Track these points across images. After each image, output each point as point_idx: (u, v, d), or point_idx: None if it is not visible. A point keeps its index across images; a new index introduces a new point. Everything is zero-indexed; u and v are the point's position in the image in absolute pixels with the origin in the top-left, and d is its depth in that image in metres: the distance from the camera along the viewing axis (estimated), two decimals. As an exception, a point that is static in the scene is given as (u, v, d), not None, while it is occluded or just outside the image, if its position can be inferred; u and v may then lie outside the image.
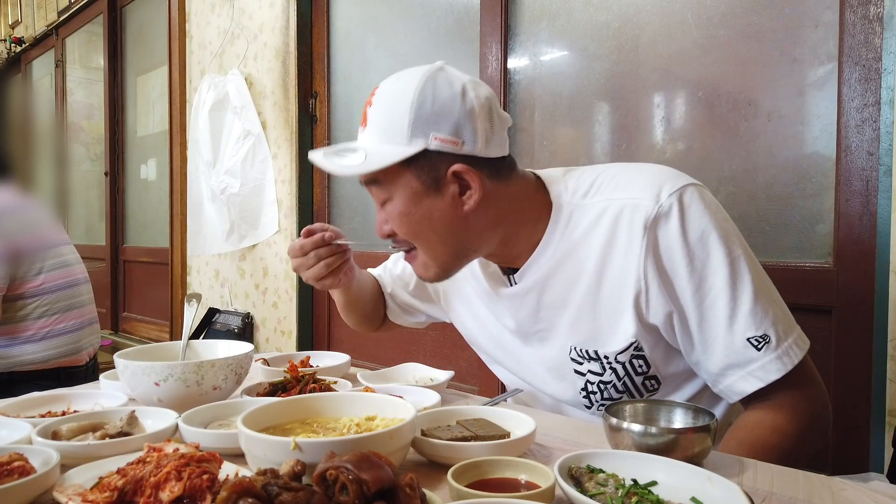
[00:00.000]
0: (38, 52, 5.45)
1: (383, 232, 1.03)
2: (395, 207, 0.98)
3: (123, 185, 4.37)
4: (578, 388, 1.05)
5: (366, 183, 1.00)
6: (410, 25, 2.48)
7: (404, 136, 0.93)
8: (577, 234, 1.00)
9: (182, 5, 3.50)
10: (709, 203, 0.94)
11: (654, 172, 0.99)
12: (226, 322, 3.11)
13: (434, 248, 1.00)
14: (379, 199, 1.00)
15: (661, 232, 0.93)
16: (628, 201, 0.95)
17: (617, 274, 0.96)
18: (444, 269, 1.03)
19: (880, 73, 1.36)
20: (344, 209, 2.78)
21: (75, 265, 2.16)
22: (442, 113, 0.93)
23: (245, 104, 3.00)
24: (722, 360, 0.93)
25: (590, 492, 0.66)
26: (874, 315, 1.37)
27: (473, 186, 0.96)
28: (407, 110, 0.93)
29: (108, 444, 0.79)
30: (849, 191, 1.41)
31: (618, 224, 0.96)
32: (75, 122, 4.95)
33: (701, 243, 0.92)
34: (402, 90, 0.95)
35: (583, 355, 1.03)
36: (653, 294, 0.94)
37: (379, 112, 0.96)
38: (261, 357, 1.29)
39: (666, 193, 0.93)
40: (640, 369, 1.00)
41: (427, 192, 0.96)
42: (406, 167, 0.95)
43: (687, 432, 0.76)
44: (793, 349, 0.91)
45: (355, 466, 0.57)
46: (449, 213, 0.97)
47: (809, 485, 0.74)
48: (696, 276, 0.92)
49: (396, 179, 0.96)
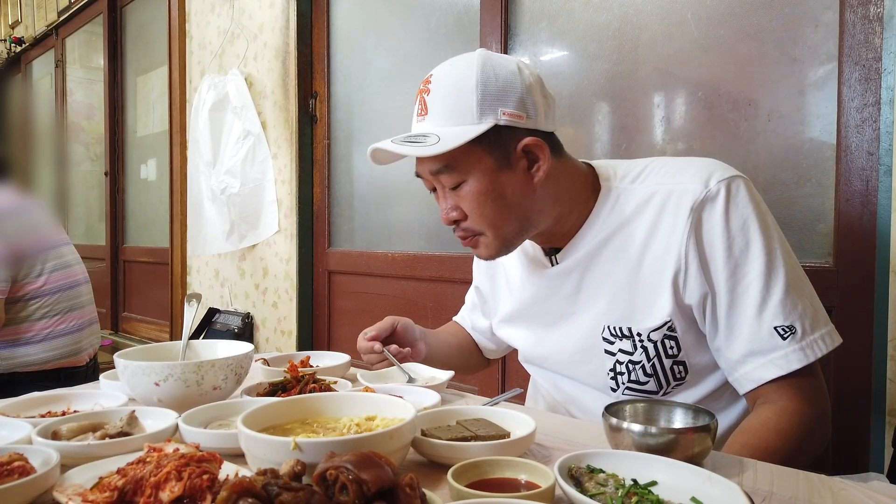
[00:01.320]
0: (38, 52, 5.45)
1: (450, 218, 1.04)
2: (473, 187, 0.99)
3: (123, 185, 4.37)
4: (606, 369, 1.06)
5: (434, 172, 1.01)
6: (410, 25, 2.48)
7: (474, 114, 0.96)
8: (623, 216, 1.03)
9: (182, 5, 3.50)
10: (754, 195, 0.98)
11: (704, 162, 1.02)
12: (226, 322, 3.11)
13: (503, 226, 1.02)
14: (450, 185, 1.01)
15: (706, 214, 0.96)
16: (677, 186, 0.99)
17: (660, 253, 0.99)
18: (506, 246, 1.05)
19: (880, 73, 1.36)
20: (344, 209, 2.78)
21: (76, 266, 2.16)
22: (506, 89, 0.97)
23: (245, 104, 3.00)
24: (745, 346, 0.95)
25: (590, 492, 0.66)
26: (874, 315, 1.37)
27: (542, 158, 1.00)
28: (473, 90, 0.96)
29: (108, 444, 0.79)
30: (849, 191, 1.41)
31: (665, 207, 0.99)
32: (75, 122, 4.95)
33: (742, 231, 0.95)
34: (462, 73, 0.98)
35: (616, 333, 1.04)
36: (691, 274, 0.96)
37: (441, 97, 0.98)
38: (261, 357, 1.29)
39: (715, 180, 0.97)
40: (671, 351, 1.01)
41: (501, 168, 0.99)
42: (478, 145, 0.97)
43: (687, 432, 0.76)
44: (818, 343, 0.93)
45: (355, 466, 0.57)
46: (521, 187, 1.00)
47: (809, 485, 0.74)
48: (732, 261, 0.95)
49: (470, 159, 0.98)
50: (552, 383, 1.19)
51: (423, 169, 1.03)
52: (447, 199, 1.04)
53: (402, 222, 2.53)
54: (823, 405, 0.97)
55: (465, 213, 1.02)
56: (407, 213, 2.50)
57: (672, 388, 1.04)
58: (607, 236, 1.04)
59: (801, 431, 0.92)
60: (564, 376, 1.15)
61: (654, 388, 1.04)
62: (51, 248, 2.07)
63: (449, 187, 1.02)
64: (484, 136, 0.96)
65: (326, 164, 2.82)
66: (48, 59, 5.26)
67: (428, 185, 1.07)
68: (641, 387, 1.04)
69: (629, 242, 1.02)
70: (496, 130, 0.96)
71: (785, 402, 0.93)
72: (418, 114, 1.01)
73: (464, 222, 1.03)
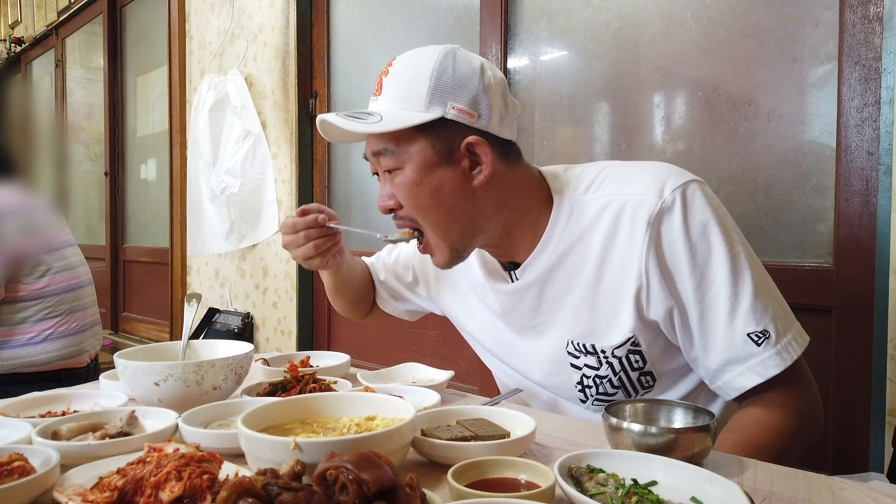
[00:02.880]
0: (38, 52, 5.45)
1: (387, 206, 1.02)
2: (406, 176, 0.97)
3: (123, 185, 4.37)
4: (574, 382, 1.06)
5: (375, 153, 0.99)
6: (410, 25, 2.48)
7: (423, 102, 0.94)
8: (578, 229, 1.00)
9: (182, 5, 3.50)
10: (711, 199, 0.95)
11: (656, 169, 0.99)
12: (226, 322, 3.11)
13: (441, 225, 0.99)
14: (387, 168, 0.99)
15: (664, 227, 0.93)
16: (631, 196, 0.96)
17: (617, 269, 0.97)
18: (454, 249, 1.02)
19: (880, 73, 1.36)
20: (344, 209, 2.78)
21: (79, 267, 2.16)
22: (461, 84, 0.95)
23: (245, 104, 3.00)
24: (721, 356, 0.93)
25: (590, 492, 0.66)
26: (874, 315, 1.37)
27: (485, 161, 0.97)
28: (427, 78, 0.94)
29: (108, 444, 0.79)
30: (849, 190, 1.41)
31: (620, 219, 0.96)
32: (75, 122, 4.95)
33: (703, 238, 0.93)
34: (421, 60, 0.97)
35: (580, 349, 1.03)
36: (654, 290, 0.94)
37: (396, 80, 0.97)
38: (261, 357, 1.29)
39: (669, 189, 0.94)
40: (637, 364, 1.01)
41: (439, 162, 0.96)
42: (421, 134, 0.95)
43: (687, 432, 0.76)
44: (792, 345, 0.92)
45: (355, 466, 0.57)
46: (458, 185, 0.98)
47: (809, 485, 0.74)
48: (697, 270, 0.93)
49: (410, 146, 0.96)
50: (530, 391, 1.18)
51: (367, 150, 1.02)
52: (385, 184, 1.01)
53: (402, 222, 2.52)
54: (812, 396, 0.96)
55: (400, 203, 1.00)
56: (407, 213, 2.50)
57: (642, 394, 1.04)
58: (564, 251, 1.02)
59: (792, 425, 0.92)
60: (539, 385, 1.14)
61: (623, 398, 1.04)
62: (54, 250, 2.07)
63: (385, 171, 1.00)
64: (429, 127, 0.94)
65: (326, 164, 2.82)
66: (48, 59, 5.25)
67: (372, 168, 1.04)
68: (610, 398, 1.04)
69: (586, 257, 1.00)
70: (442, 124, 0.95)
71: (773, 397, 0.93)
72: (374, 93, 1.00)
73: (400, 211, 1.01)
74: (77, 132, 4.94)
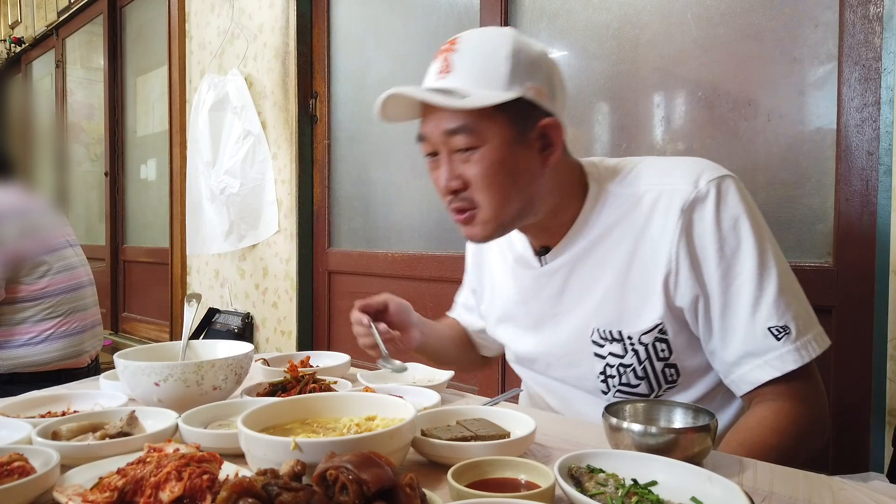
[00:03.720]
0: (38, 52, 5.45)
1: (450, 187, 0.99)
2: (485, 155, 0.95)
3: (123, 185, 4.37)
4: (596, 372, 1.05)
5: (449, 131, 0.96)
6: (410, 25, 2.48)
7: (503, 81, 0.93)
8: (612, 218, 1.02)
9: (182, 5, 3.50)
10: (744, 194, 0.97)
11: (692, 162, 1.02)
12: (226, 322, 3.11)
13: (504, 204, 0.98)
14: (462, 146, 0.96)
15: (696, 215, 0.95)
16: (666, 187, 0.98)
17: (649, 256, 0.98)
18: (501, 227, 1.01)
19: (880, 73, 1.36)
20: (344, 209, 2.78)
21: (80, 268, 2.16)
22: (536, 65, 0.96)
23: (245, 104, 3.00)
24: (740, 348, 0.94)
25: (590, 492, 0.66)
26: (874, 315, 1.37)
27: (556, 143, 0.98)
28: (507, 57, 0.94)
29: (108, 444, 0.79)
30: (849, 190, 1.41)
31: (654, 208, 0.98)
32: (75, 122, 4.95)
33: (733, 231, 0.94)
34: (495, 39, 0.96)
35: (605, 336, 1.03)
36: (682, 276, 0.96)
37: (471, 57, 0.95)
38: (261, 357, 1.29)
39: (704, 180, 0.96)
40: (662, 354, 1.00)
41: (516, 141, 0.96)
42: (500, 112, 0.94)
43: (687, 432, 0.76)
44: (811, 344, 0.93)
45: (355, 466, 0.57)
46: (531, 166, 0.98)
47: (809, 485, 0.74)
48: (724, 261, 0.94)
49: (490, 125, 0.95)
50: (543, 386, 1.18)
51: (433, 128, 0.98)
52: (451, 165, 0.98)
53: (402, 222, 2.53)
54: (821, 407, 0.96)
55: (468, 183, 0.98)
56: (407, 213, 2.50)
57: (664, 392, 1.03)
58: (596, 238, 1.03)
59: (797, 431, 0.92)
60: (553, 378, 1.14)
61: (646, 391, 1.03)
62: (55, 250, 2.07)
63: (459, 149, 0.97)
64: (509, 105, 0.94)
65: (326, 164, 2.82)
66: (48, 59, 5.26)
67: (427, 147, 1.01)
68: (632, 389, 1.04)
69: (618, 245, 1.01)
70: (521, 103, 0.95)
71: (782, 402, 0.93)
72: (439, 71, 0.97)
73: (463, 192, 0.99)
74: (77, 132, 4.94)
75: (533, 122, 0.97)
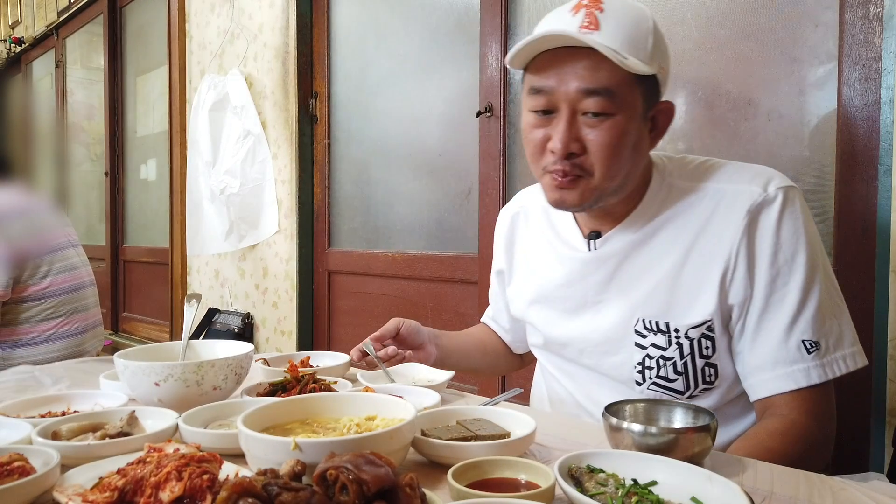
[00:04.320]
0: (38, 52, 5.45)
1: (569, 149, 0.94)
2: (618, 123, 0.93)
3: (123, 185, 4.37)
4: (634, 363, 1.04)
5: (591, 91, 0.92)
6: (410, 25, 2.48)
7: (647, 54, 0.93)
8: (673, 211, 1.02)
9: (182, 5, 3.50)
10: (806, 209, 0.98)
11: (762, 169, 1.01)
12: (226, 322, 3.11)
13: (614, 177, 0.97)
14: (596, 110, 0.93)
15: (762, 217, 0.95)
16: (734, 188, 0.98)
17: (707, 251, 0.98)
18: (600, 197, 0.99)
19: (880, 73, 1.36)
20: (344, 209, 2.78)
21: (81, 268, 2.16)
22: (665, 47, 0.98)
23: (245, 104, 3.00)
24: (769, 354, 0.95)
25: (590, 492, 0.66)
26: (874, 315, 1.37)
27: (663, 127, 1.01)
28: (650, 31, 0.94)
29: (108, 444, 0.79)
30: (849, 190, 1.41)
31: (718, 206, 0.98)
32: (76, 122, 4.95)
33: (791, 240, 0.95)
34: (638, 11, 0.96)
35: (650, 327, 1.02)
36: (739, 274, 0.96)
37: (619, 21, 0.92)
38: (261, 357, 1.29)
39: (774, 186, 0.97)
40: (706, 351, 1.00)
41: (642, 118, 0.97)
42: (638, 84, 0.94)
43: (687, 432, 0.76)
44: (838, 363, 0.93)
45: (355, 466, 0.57)
46: (643, 146, 0.99)
47: (809, 485, 0.74)
48: (775, 267, 0.95)
49: (629, 95, 0.94)
50: (566, 373, 1.16)
51: (564, 83, 0.94)
52: (574, 126, 0.94)
53: (402, 222, 2.53)
54: (830, 427, 0.97)
55: (586, 148, 0.95)
56: (407, 213, 2.50)
57: (699, 392, 1.02)
58: (653, 229, 1.02)
59: (803, 447, 0.92)
60: (583, 366, 1.12)
61: (682, 388, 1.02)
62: (56, 251, 2.07)
63: (588, 111, 0.93)
64: (644, 80, 0.94)
65: (326, 164, 2.82)
66: (48, 59, 5.26)
67: (543, 103, 0.96)
68: (669, 384, 1.02)
69: (676, 237, 1.01)
70: (651, 81, 0.95)
71: (794, 416, 0.93)
72: (582, 25, 0.91)
73: (579, 157, 0.95)
74: (77, 132, 4.94)
75: (653, 102, 0.98)
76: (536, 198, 1.22)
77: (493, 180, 2.11)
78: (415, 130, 2.45)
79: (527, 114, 1.00)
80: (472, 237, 2.20)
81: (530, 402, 1.32)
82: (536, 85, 0.96)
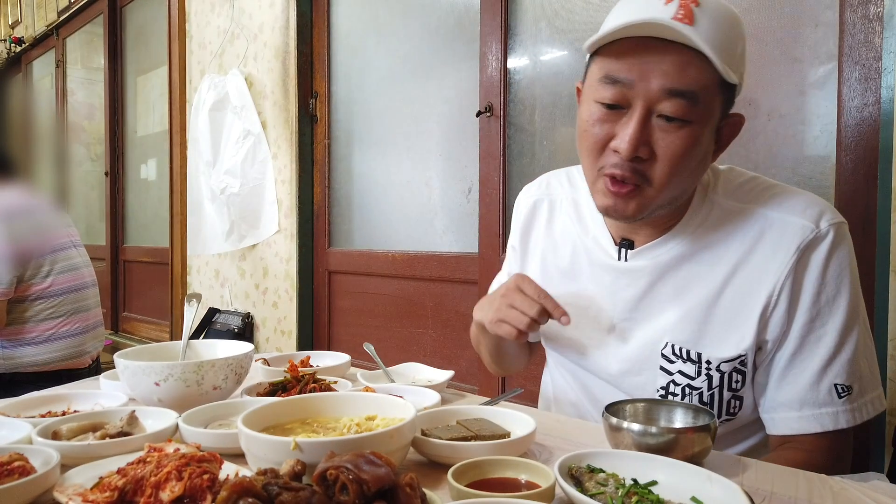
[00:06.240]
0: (39, 52, 5.45)
1: (637, 153, 0.86)
2: (695, 133, 0.86)
3: (123, 185, 4.37)
4: (657, 386, 0.99)
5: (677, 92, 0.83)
6: (410, 25, 2.48)
7: (736, 61, 0.86)
8: (716, 233, 0.96)
9: (182, 5, 3.50)
10: (851, 246, 0.93)
11: (812, 198, 0.95)
12: (226, 322, 3.11)
13: (674, 189, 0.90)
14: (675, 114, 0.84)
15: (812, 255, 0.90)
16: (782, 217, 0.92)
17: (747, 283, 0.93)
18: (654, 209, 0.92)
19: (880, 73, 1.36)
20: (344, 209, 2.78)
21: (83, 268, 2.16)
22: (745, 56, 0.90)
23: (245, 104, 3.00)
24: (797, 394, 0.92)
25: (590, 491, 0.66)
26: (874, 315, 1.37)
27: (726, 142, 0.93)
28: (741, 36, 0.88)
29: (109, 444, 0.79)
30: (849, 190, 1.41)
31: (764, 235, 0.92)
32: (76, 122, 4.95)
33: (836, 280, 0.91)
34: (732, 14, 0.87)
35: (679, 354, 0.97)
36: (779, 310, 0.91)
37: (715, 21, 0.83)
38: (261, 357, 1.29)
39: (826, 221, 0.91)
40: (735, 385, 0.95)
41: (714, 129, 0.90)
42: (721, 94, 0.87)
43: (687, 432, 0.76)
44: (866, 407, 0.92)
45: (355, 466, 0.57)
46: (707, 159, 0.92)
47: (809, 485, 0.74)
48: (816, 307, 0.91)
49: (711, 102, 0.86)
50: (576, 377, 1.11)
51: (649, 78, 0.84)
52: (646, 128, 0.86)
53: (402, 222, 2.53)
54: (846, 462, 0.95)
55: (654, 154, 0.87)
56: (407, 213, 2.50)
57: (721, 422, 0.98)
58: (692, 249, 0.96)
59: None
60: (602, 379, 1.06)
61: None
62: (59, 250, 2.07)
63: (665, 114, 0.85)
64: (724, 89, 0.86)
65: (326, 164, 2.82)
66: (48, 59, 5.26)
67: (616, 95, 0.87)
68: None
69: (717, 261, 0.94)
70: (731, 91, 0.88)
71: (816, 455, 0.91)
72: (675, 16, 0.82)
73: (643, 163, 0.87)
74: (77, 132, 4.94)
75: (725, 114, 0.90)
76: (567, 189, 1.14)
77: (493, 180, 2.11)
78: (415, 130, 2.45)
79: (591, 104, 0.91)
80: (472, 237, 2.20)
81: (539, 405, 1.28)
82: (614, 74, 0.86)
